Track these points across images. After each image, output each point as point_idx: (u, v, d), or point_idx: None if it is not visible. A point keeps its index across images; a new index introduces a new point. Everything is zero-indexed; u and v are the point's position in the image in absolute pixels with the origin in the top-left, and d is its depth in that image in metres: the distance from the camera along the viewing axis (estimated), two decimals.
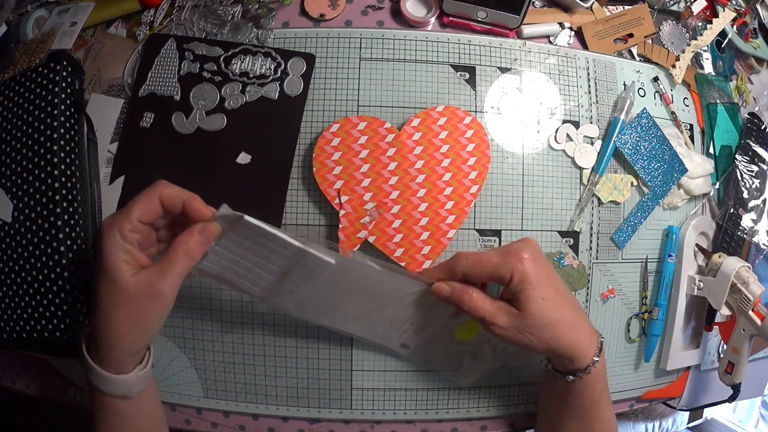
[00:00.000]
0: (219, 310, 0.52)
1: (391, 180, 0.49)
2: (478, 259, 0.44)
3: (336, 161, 0.49)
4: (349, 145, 0.49)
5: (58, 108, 0.48)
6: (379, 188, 0.49)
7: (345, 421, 0.54)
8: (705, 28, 0.62)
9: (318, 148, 0.49)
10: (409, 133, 0.50)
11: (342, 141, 0.49)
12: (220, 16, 0.53)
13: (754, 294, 0.52)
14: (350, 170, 0.49)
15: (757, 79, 0.68)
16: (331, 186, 0.49)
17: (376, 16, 0.54)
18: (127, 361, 0.40)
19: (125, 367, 0.40)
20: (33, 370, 0.57)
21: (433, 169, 0.50)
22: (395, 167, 0.49)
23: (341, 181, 0.49)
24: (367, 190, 0.49)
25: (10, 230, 0.48)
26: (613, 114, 0.56)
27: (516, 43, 0.55)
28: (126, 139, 0.52)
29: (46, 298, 0.47)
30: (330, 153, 0.49)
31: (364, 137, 0.50)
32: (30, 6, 0.58)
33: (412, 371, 0.53)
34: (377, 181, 0.49)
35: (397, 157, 0.50)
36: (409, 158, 0.50)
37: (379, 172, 0.49)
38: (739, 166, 0.60)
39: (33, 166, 0.48)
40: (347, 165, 0.49)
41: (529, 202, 0.53)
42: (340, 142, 0.49)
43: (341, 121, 0.50)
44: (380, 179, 0.49)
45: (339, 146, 0.49)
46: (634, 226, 0.55)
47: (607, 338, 0.56)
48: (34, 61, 0.52)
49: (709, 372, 0.63)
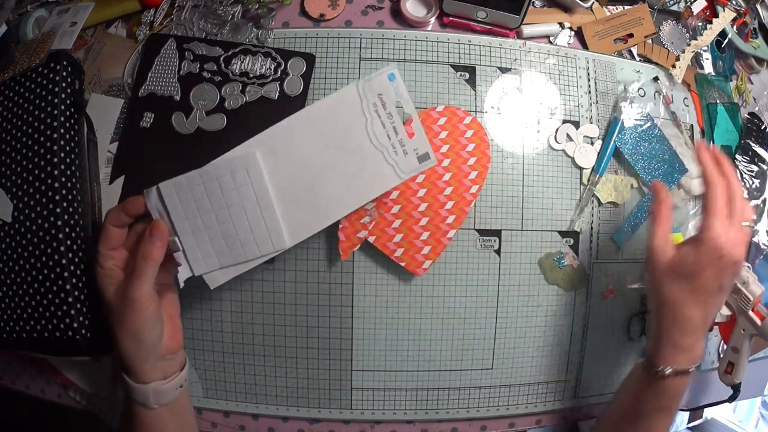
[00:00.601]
0: (219, 310, 0.52)
1: None
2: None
3: None
4: None
5: (58, 108, 0.48)
6: None
7: (345, 421, 0.54)
8: (705, 28, 0.62)
9: None
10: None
11: None
12: (220, 16, 0.53)
13: (754, 294, 0.52)
14: None
15: (757, 79, 0.68)
16: None
17: (376, 16, 0.54)
18: (141, 370, 0.42)
19: (143, 376, 0.42)
20: (33, 370, 0.57)
21: (433, 169, 0.50)
22: None
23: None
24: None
25: (10, 230, 0.48)
26: (613, 114, 0.56)
27: (516, 43, 0.55)
28: (126, 139, 0.52)
29: (46, 298, 0.47)
30: None
31: None
32: (30, 6, 0.58)
33: (412, 371, 0.53)
34: None
35: None
36: None
37: None
38: (739, 166, 0.60)
39: (33, 166, 0.48)
40: None
41: (529, 202, 0.53)
42: None
43: None
44: None
45: None
46: (634, 226, 0.55)
47: (607, 338, 0.56)
48: (34, 61, 0.52)
49: (709, 372, 0.63)
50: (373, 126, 0.41)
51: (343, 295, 0.52)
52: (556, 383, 0.55)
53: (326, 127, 0.42)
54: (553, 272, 0.54)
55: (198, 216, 0.42)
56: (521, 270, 0.53)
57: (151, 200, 0.42)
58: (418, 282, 0.52)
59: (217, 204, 0.41)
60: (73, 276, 0.47)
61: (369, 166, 0.42)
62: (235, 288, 0.51)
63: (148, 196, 0.42)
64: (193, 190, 0.41)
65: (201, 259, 0.43)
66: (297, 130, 0.42)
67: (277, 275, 0.51)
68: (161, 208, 0.42)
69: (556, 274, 0.54)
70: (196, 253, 0.42)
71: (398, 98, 0.42)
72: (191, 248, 0.42)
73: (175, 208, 0.41)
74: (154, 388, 0.42)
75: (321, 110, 0.42)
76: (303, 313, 0.52)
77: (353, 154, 0.42)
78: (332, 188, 0.42)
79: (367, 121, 0.41)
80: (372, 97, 0.41)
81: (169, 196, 0.41)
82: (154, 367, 0.43)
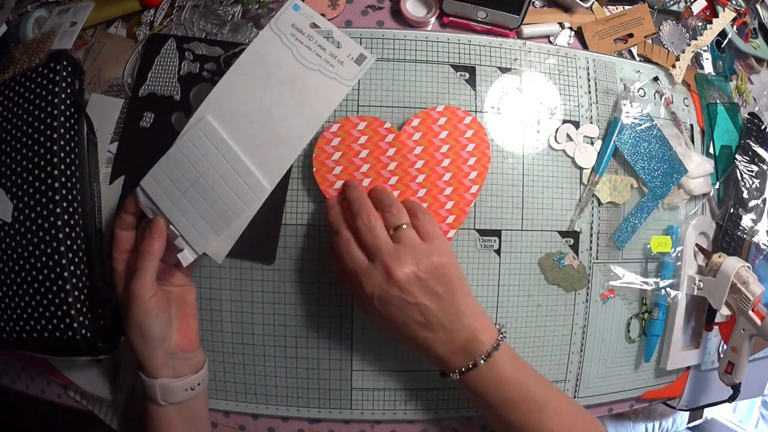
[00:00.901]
0: (219, 310, 0.52)
1: (391, 180, 0.49)
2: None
3: (336, 161, 0.49)
4: (349, 145, 0.49)
5: (58, 108, 0.48)
6: None
7: (345, 421, 0.54)
8: (705, 28, 0.62)
9: (318, 147, 0.49)
10: (409, 132, 0.50)
11: (342, 141, 0.49)
12: (220, 16, 0.53)
13: (754, 294, 0.52)
14: (350, 170, 0.49)
15: (757, 79, 0.68)
16: (331, 186, 0.49)
17: (376, 16, 0.54)
18: (149, 365, 0.43)
19: (152, 371, 0.43)
20: (33, 370, 0.57)
21: (433, 168, 0.50)
22: (395, 167, 0.49)
23: (341, 181, 0.49)
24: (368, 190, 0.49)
25: (10, 230, 0.48)
26: (613, 114, 0.56)
27: (516, 43, 0.55)
28: (126, 139, 0.52)
29: (46, 298, 0.47)
30: (330, 153, 0.49)
31: (364, 137, 0.50)
32: (30, 6, 0.58)
33: (412, 371, 0.53)
34: (377, 181, 0.49)
35: (397, 156, 0.50)
36: (409, 158, 0.50)
37: (379, 171, 0.49)
38: (739, 166, 0.60)
39: (33, 166, 0.48)
40: (347, 165, 0.49)
41: (529, 202, 0.53)
42: (340, 142, 0.49)
43: (341, 120, 0.50)
44: (380, 179, 0.49)
45: (339, 146, 0.49)
46: (634, 226, 0.55)
47: (607, 338, 0.56)
48: (34, 61, 0.52)
49: (709, 372, 0.63)
50: (299, 52, 0.43)
51: (343, 295, 0.52)
52: (556, 383, 0.55)
53: (258, 71, 0.43)
54: (553, 272, 0.54)
55: (182, 197, 0.43)
56: (521, 270, 0.53)
57: (141, 199, 0.44)
58: None
59: (193, 177, 0.43)
60: (73, 276, 0.47)
61: (312, 87, 0.43)
62: (235, 288, 0.51)
63: (138, 197, 0.44)
64: (170, 174, 0.43)
65: (199, 237, 0.44)
66: (234, 84, 0.43)
67: (277, 275, 0.51)
68: (150, 204, 0.44)
69: (556, 274, 0.54)
70: (193, 234, 0.44)
71: (310, 20, 0.44)
72: (187, 230, 0.44)
73: (161, 199, 0.43)
74: (161, 384, 0.43)
75: (248, 59, 0.43)
76: (303, 313, 0.52)
77: (293, 83, 0.43)
78: (287, 120, 0.44)
79: (293, 50, 0.43)
80: (287, 29, 0.43)
81: (151, 189, 0.44)
82: (165, 364, 0.44)
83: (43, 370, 0.55)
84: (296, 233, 0.51)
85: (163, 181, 0.43)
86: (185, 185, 0.43)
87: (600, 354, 0.56)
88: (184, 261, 0.44)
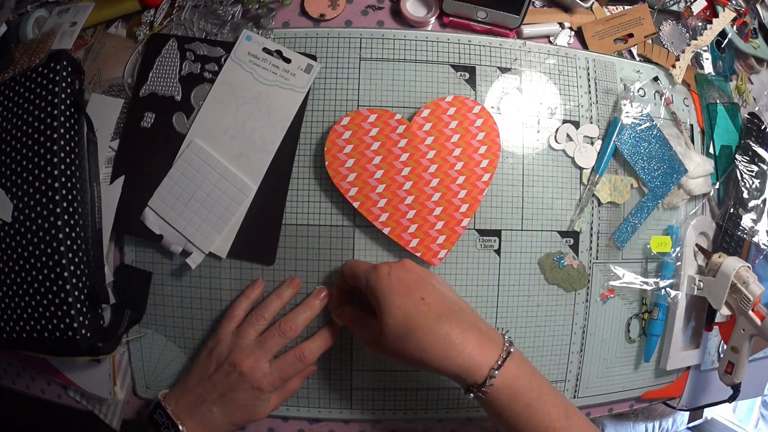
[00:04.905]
0: (219, 310, 0.52)
1: (404, 171, 0.50)
2: (354, 261, 0.48)
3: (348, 154, 0.49)
4: (360, 138, 0.50)
5: (58, 108, 0.48)
6: (392, 179, 0.50)
7: (345, 421, 0.54)
8: (705, 28, 0.62)
9: (329, 141, 0.49)
10: (419, 123, 0.50)
11: (353, 134, 0.50)
12: (220, 16, 0.53)
13: (754, 294, 0.52)
14: (362, 162, 0.49)
15: (757, 79, 0.68)
16: (344, 179, 0.49)
17: (376, 16, 0.54)
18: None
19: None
20: (33, 370, 0.57)
21: (444, 158, 0.50)
22: (407, 158, 0.50)
23: (354, 174, 0.49)
24: (380, 182, 0.50)
25: (10, 230, 0.48)
26: (613, 114, 0.56)
27: (516, 43, 0.55)
28: (126, 139, 0.52)
29: (46, 298, 0.47)
30: (342, 146, 0.49)
31: (375, 129, 0.50)
32: (30, 6, 0.58)
33: (412, 371, 0.53)
34: (390, 173, 0.50)
35: (408, 148, 0.50)
36: (421, 149, 0.50)
37: (392, 163, 0.50)
38: (739, 166, 0.61)
39: (33, 166, 0.48)
40: (359, 157, 0.49)
41: (529, 202, 0.53)
42: (351, 135, 0.50)
43: (352, 114, 0.50)
44: (393, 170, 0.50)
45: (350, 139, 0.50)
46: (634, 226, 0.55)
47: (607, 338, 0.56)
48: (34, 61, 0.52)
49: (709, 372, 0.63)
50: (258, 73, 0.51)
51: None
52: (556, 383, 0.55)
53: (229, 96, 0.51)
54: (553, 272, 0.54)
55: (186, 209, 0.50)
56: (521, 270, 0.53)
57: (149, 219, 0.50)
58: None
59: (192, 190, 0.51)
60: (73, 276, 0.47)
61: (274, 99, 0.51)
62: (235, 288, 0.52)
63: (147, 218, 0.50)
64: (172, 192, 0.51)
65: (205, 239, 0.50)
66: (212, 110, 0.51)
67: (277, 275, 0.51)
68: (160, 221, 0.50)
69: (556, 274, 0.54)
70: (198, 237, 0.50)
71: (261, 46, 0.51)
72: (194, 235, 0.50)
73: (168, 213, 0.50)
74: None
75: (218, 88, 0.51)
76: None
77: (258, 100, 0.51)
78: (259, 131, 0.51)
79: (252, 73, 0.51)
80: (244, 57, 0.51)
81: (159, 207, 0.51)
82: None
83: (43, 370, 0.55)
84: (296, 233, 0.51)
85: (167, 198, 0.50)
86: (186, 198, 0.50)
87: (600, 354, 0.56)
88: (192, 264, 0.50)
